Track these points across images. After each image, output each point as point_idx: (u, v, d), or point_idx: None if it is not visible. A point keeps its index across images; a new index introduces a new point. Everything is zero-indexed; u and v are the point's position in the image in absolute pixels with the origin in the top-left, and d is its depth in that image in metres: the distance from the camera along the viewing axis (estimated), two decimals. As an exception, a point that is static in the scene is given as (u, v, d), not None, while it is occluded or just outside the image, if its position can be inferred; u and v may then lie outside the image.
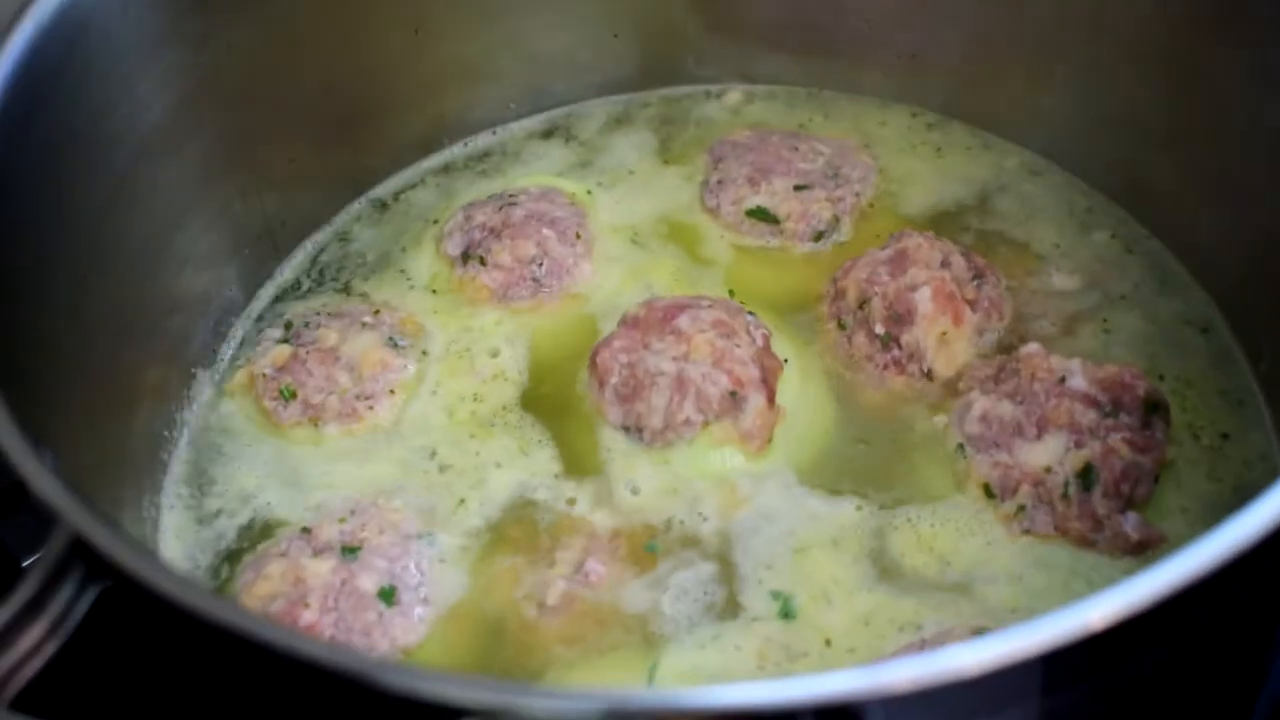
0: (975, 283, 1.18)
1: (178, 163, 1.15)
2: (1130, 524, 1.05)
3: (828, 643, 1.03)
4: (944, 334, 1.15)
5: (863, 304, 1.17)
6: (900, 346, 1.16)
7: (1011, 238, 1.28)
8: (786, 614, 1.04)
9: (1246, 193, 1.17)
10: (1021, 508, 1.07)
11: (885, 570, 1.07)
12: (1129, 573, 1.00)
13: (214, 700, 0.81)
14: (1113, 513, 1.05)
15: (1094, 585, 1.04)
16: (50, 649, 0.72)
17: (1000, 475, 1.08)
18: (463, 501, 1.13)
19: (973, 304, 1.17)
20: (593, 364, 1.16)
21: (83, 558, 0.74)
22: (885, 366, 1.17)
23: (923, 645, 1.00)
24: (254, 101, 1.20)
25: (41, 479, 0.74)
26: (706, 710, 0.67)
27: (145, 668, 0.84)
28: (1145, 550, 1.05)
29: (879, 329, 1.16)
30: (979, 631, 0.99)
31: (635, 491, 1.12)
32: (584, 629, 1.05)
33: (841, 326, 1.19)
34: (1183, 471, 1.11)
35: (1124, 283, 1.25)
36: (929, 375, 1.16)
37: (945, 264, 1.17)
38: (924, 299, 1.15)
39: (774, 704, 0.67)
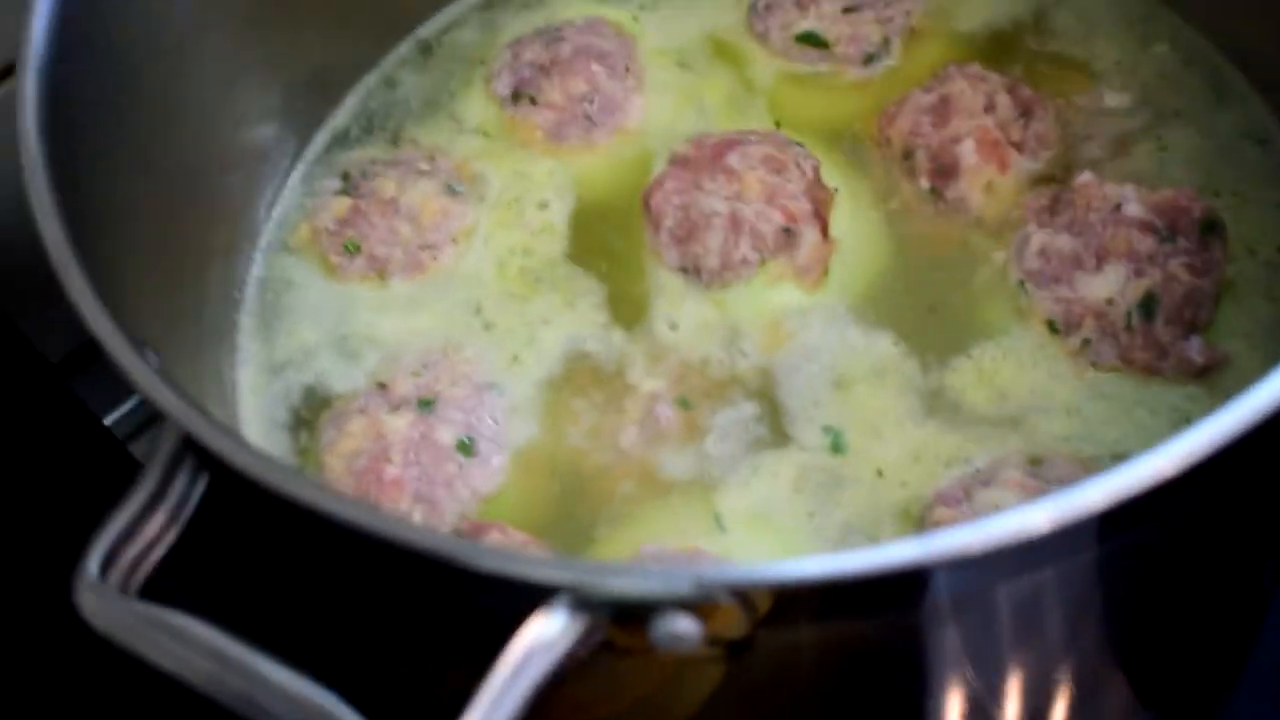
0: (1022, 121, 1.17)
1: (227, 23, 1.15)
2: (1194, 349, 1.06)
3: (879, 473, 1.07)
4: (989, 183, 1.16)
5: (908, 155, 1.18)
6: (946, 200, 1.16)
7: (1070, 57, 1.26)
8: (837, 448, 1.08)
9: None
10: (1087, 341, 1.08)
11: (940, 404, 1.09)
12: (1191, 398, 1.06)
13: (316, 578, 0.87)
14: (1176, 339, 1.07)
15: (1156, 413, 1.06)
16: (170, 537, 0.77)
17: (1063, 310, 1.09)
18: (516, 358, 1.16)
19: (1019, 145, 1.17)
20: (646, 207, 1.17)
21: (193, 450, 0.78)
22: (935, 214, 1.17)
23: (975, 475, 1.03)
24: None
25: (150, 382, 0.77)
26: (780, 584, 0.71)
27: (255, 552, 0.89)
28: (1210, 372, 1.07)
29: (924, 183, 1.17)
30: (1033, 461, 1.03)
31: (674, 327, 1.14)
32: (651, 471, 1.09)
33: (889, 174, 1.20)
34: (1241, 290, 1.12)
35: (1180, 97, 1.23)
36: (979, 223, 1.16)
37: (989, 107, 1.16)
38: (968, 151, 1.15)
39: (853, 572, 0.71)
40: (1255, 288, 1.12)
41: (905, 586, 0.74)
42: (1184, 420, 1.06)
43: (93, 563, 0.74)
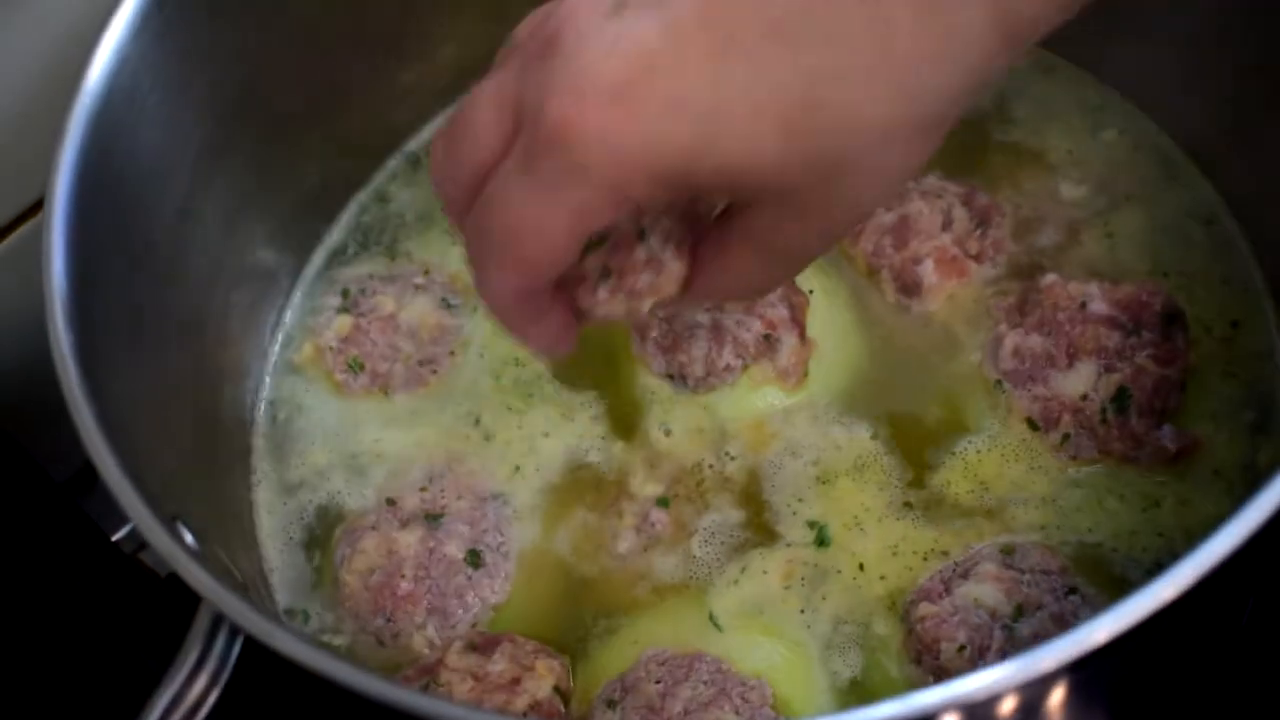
0: (979, 231, 1.24)
1: (228, 170, 1.21)
2: (1167, 437, 1.12)
3: (861, 567, 1.13)
4: (952, 295, 1.23)
5: (873, 273, 1.24)
6: (913, 311, 1.23)
7: (1027, 148, 1.32)
8: (822, 541, 1.14)
9: (1250, 87, 1.20)
10: (1066, 436, 1.14)
11: (921, 499, 1.15)
12: (1160, 484, 1.12)
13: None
14: (1150, 429, 1.13)
15: (1126, 500, 1.12)
16: (213, 698, 0.83)
17: (1041, 408, 1.15)
18: (518, 468, 1.22)
19: (979, 256, 1.23)
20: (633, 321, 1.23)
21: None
22: (906, 320, 1.24)
23: (954, 569, 1.09)
24: (286, 93, 1.25)
25: (183, 563, 0.83)
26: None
27: (290, 708, 0.95)
28: (1184, 458, 1.13)
29: (890, 298, 1.24)
30: (1006, 550, 1.09)
31: (668, 433, 1.20)
32: (648, 575, 1.15)
33: (858, 284, 1.26)
34: (1202, 370, 1.17)
35: (1130, 182, 1.29)
36: (947, 327, 1.23)
37: (947, 224, 1.22)
38: (928, 271, 1.21)
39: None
40: (1214, 365, 1.19)
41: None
42: (1154, 505, 1.12)
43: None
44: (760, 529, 1.16)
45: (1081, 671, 0.79)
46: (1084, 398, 1.14)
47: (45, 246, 0.99)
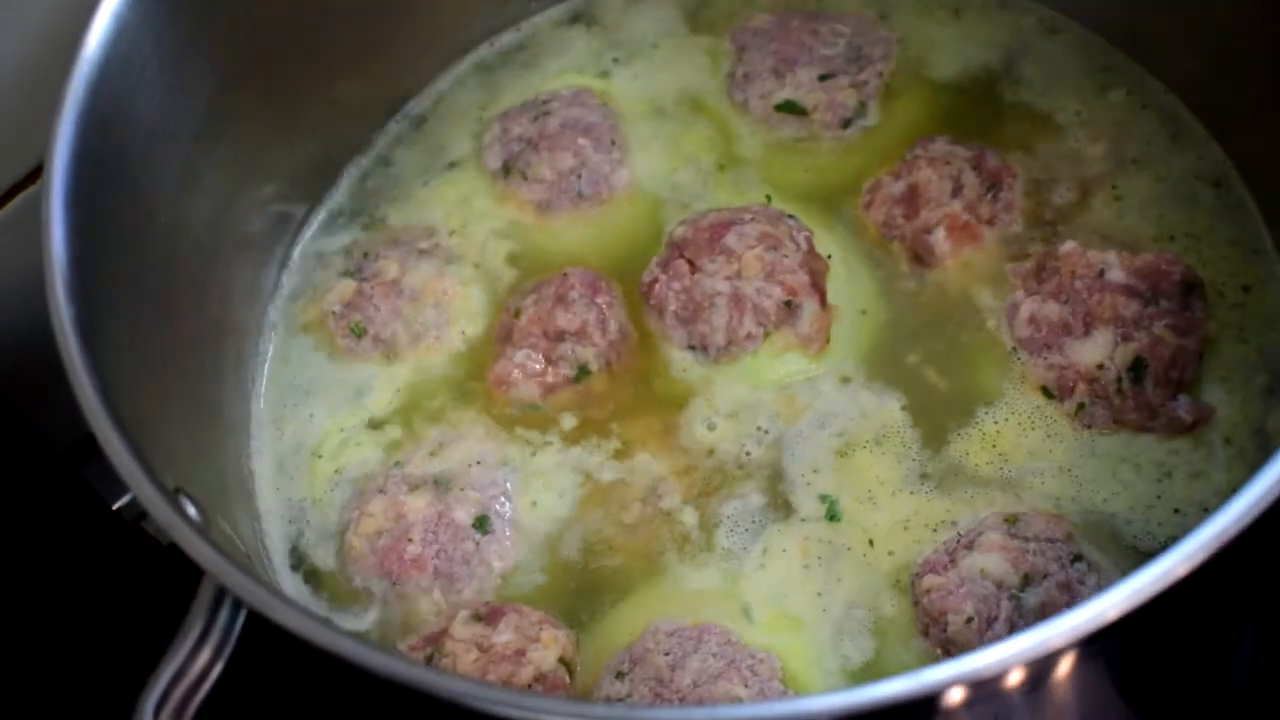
0: (990, 195, 1.22)
1: (229, 136, 1.19)
2: (1183, 407, 1.12)
3: (870, 543, 1.12)
4: (966, 261, 1.21)
5: (886, 242, 1.24)
6: (928, 278, 1.22)
7: (1036, 109, 1.31)
8: (833, 516, 1.14)
9: (1256, 48, 1.19)
10: (1081, 405, 1.13)
11: (939, 470, 1.14)
12: (1174, 451, 1.12)
13: (351, 705, 0.93)
14: (1165, 399, 1.12)
15: (1140, 469, 1.12)
16: (216, 671, 0.83)
17: (1056, 376, 1.14)
18: (527, 436, 1.21)
19: (991, 220, 1.22)
20: (645, 297, 1.22)
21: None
22: (922, 283, 1.23)
23: (959, 540, 1.09)
24: (286, 59, 1.24)
25: (187, 536, 0.83)
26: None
27: (292, 679, 0.95)
28: (1200, 427, 1.12)
29: (904, 267, 1.23)
30: (1010, 520, 1.08)
31: (711, 427, 1.19)
32: (660, 547, 1.14)
33: (874, 250, 1.25)
34: (1218, 337, 1.17)
35: (1137, 144, 1.28)
36: (963, 289, 1.22)
37: (957, 190, 1.21)
38: (940, 239, 1.20)
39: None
40: (1227, 330, 1.18)
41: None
42: (1166, 476, 1.12)
43: (148, 707, 0.80)
44: (777, 502, 1.15)
45: (1091, 644, 0.78)
46: (1100, 367, 1.13)
47: (45, 219, 0.98)
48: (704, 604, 1.10)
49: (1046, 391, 1.15)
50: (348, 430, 1.23)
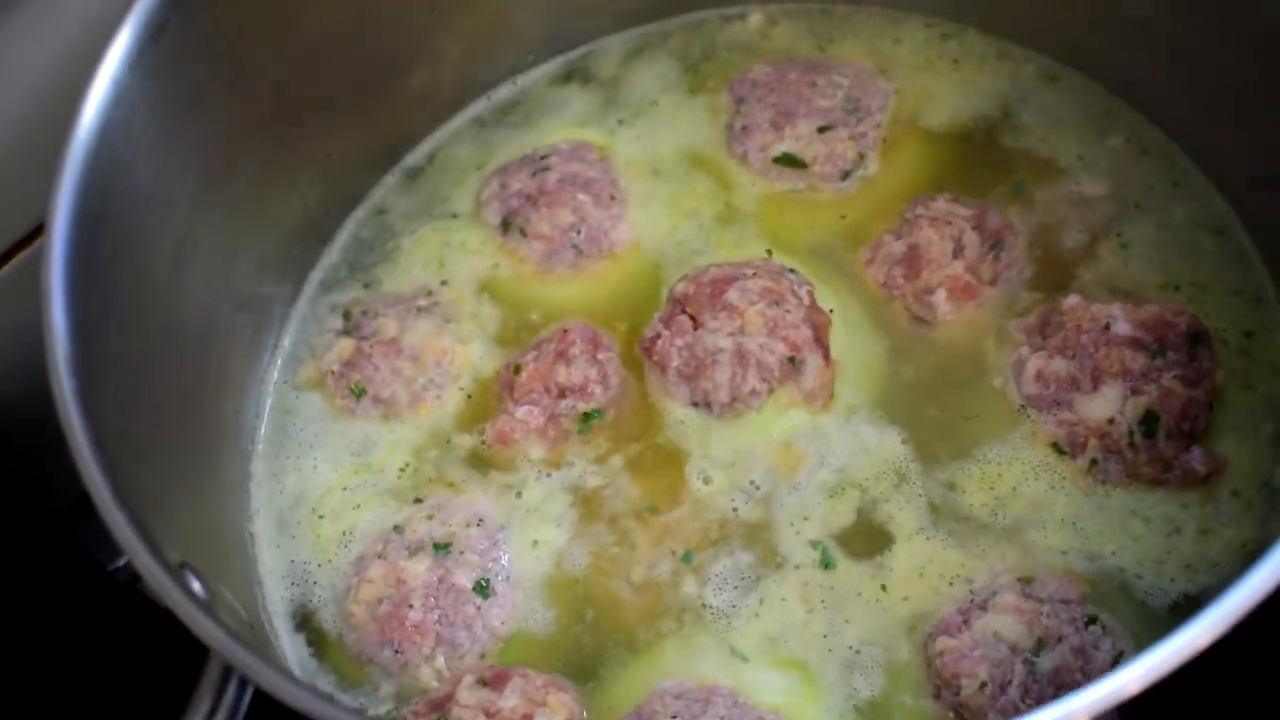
0: (993, 254, 1.22)
1: (226, 199, 1.19)
2: (1196, 459, 1.11)
3: (883, 588, 1.11)
4: (969, 320, 1.21)
5: (887, 301, 1.23)
6: (932, 336, 1.22)
7: (1036, 154, 1.31)
8: (827, 564, 1.13)
9: (1255, 96, 1.18)
10: (1094, 461, 1.12)
11: (944, 514, 1.14)
12: (1185, 505, 1.11)
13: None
14: (1179, 452, 1.11)
15: (1150, 523, 1.11)
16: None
17: (1067, 433, 1.13)
18: (521, 496, 1.20)
19: (994, 280, 1.21)
20: (648, 352, 1.21)
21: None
22: (926, 339, 1.22)
23: (972, 600, 1.08)
24: (282, 121, 1.24)
25: (193, 615, 0.82)
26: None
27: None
28: (1213, 478, 1.11)
29: (906, 325, 1.23)
30: (1025, 580, 1.08)
31: (707, 481, 1.18)
32: (661, 608, 1.13)
33: (877, 305, 1.25)
34: (1225, 386, 1.16)
35: (1139, 189, 1.28)
36: (966, 349, 1.21)
37: (958, 250, 1.21)
38: (941, 301, 1.20)
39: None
40: (1234, 378, 1.17)
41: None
42: (1175, 531, 1.11)
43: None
44: (767, 554, 1.14)
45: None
46: (1111, 421, 1.12)
47: (44, 288, 0.97)
48: (708, 661, 1.09)
49: (1057, 448, 1.14)
50: (350, 488, 1.22)
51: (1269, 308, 1.21)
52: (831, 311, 1.21)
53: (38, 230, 1.02)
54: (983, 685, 1.02)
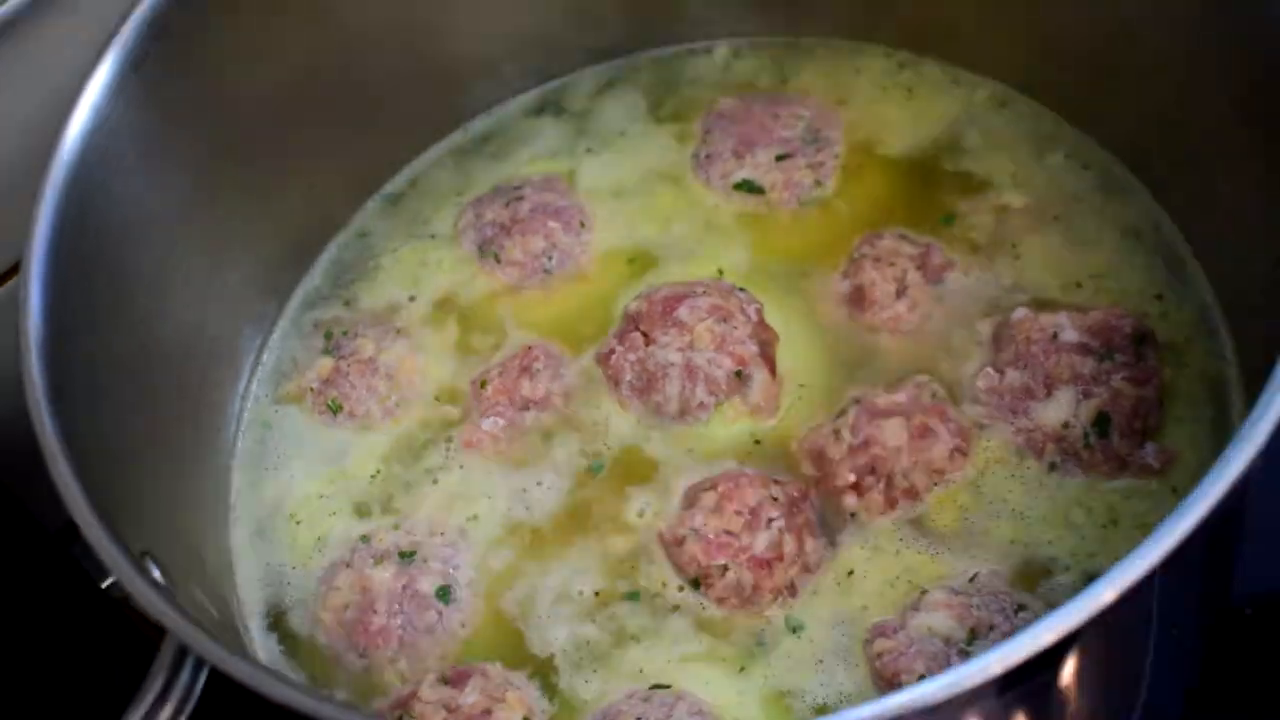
0: (936, 290, 1.28)
1: (209, 220, 1.26)
2: (1150, 454, 1.16)
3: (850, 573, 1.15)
4: (919, 344, 1.26)
5: (835, 326, 1.29)
6: (880, 351, 1.27)
7: (972, 173, 1.36)
8: (794, 629, 1.15)
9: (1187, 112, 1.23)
10: (1053, 465, 1.17)
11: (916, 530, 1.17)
12: (1125, 494, 1.15)
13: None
14: (1133, 449, 1.16)
15: (1091, 512, 1.15)
16: (179, 729, 0.87)
17: (1025, 439, 1.18)
18: (491, 501, 1.25)
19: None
20: (604, 366, 1.27)
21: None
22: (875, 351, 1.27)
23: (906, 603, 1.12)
24: (263, 146, 1.30)
25: (147, 596, 0.87)
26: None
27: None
28: (1167, 469, 1.15)
29: (855, 344, 1.27)
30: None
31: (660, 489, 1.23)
32: (623, 618, 1.17)
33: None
34: (1173, 382, 1.20)
35: (1072, 198, 1.32)
36: (918, 363, 1.25)
37: (901, 291, 1.26)
38: (885, 338, 1.26)
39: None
40: (1183, 372, 1.21)
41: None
42: (1111, 523, 1.15)
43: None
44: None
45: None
46: (1066, 425, 1.17)
47: (22, 300, 1.03)
48: (673, 664, 1.14)
49: (1019, 454, 1.18)
50: (326, 496, 1.28)
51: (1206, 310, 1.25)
52: (778, 335, 1.26)
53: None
54: (921, 678, 1.05)
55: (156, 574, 0.95)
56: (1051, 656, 0.83)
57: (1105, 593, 0.82)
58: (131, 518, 1.01)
